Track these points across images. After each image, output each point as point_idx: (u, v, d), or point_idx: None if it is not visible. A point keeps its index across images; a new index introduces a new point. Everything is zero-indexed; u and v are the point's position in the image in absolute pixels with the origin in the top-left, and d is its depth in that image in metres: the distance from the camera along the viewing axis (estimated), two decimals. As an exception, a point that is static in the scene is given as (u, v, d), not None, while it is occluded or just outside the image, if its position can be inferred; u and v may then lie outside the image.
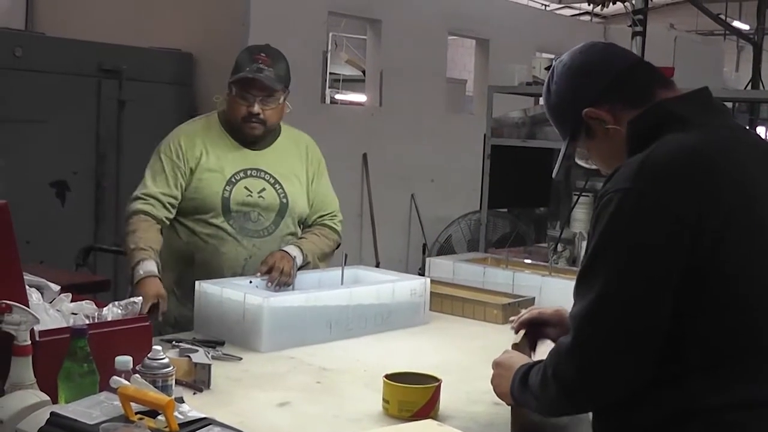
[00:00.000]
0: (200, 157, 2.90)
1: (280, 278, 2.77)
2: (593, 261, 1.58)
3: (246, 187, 2.91)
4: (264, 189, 2.93)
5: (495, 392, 1.92)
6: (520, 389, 1.76)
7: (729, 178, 1.57)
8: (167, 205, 2.86)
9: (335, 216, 3.13)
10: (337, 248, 3.12)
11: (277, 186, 2.96)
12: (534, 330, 2.13)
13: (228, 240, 2.87)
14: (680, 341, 1.53)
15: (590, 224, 1.65)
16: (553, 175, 2.10)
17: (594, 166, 1.88)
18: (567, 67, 1.80)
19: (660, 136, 1.62)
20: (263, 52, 2.91)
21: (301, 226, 3.05)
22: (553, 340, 2.10)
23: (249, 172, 2.94)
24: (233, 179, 2.90)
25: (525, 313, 2.16)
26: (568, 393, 1.61)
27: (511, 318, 2.22)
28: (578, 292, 1.60)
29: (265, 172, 2.96)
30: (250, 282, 2.73)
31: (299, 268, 2.88)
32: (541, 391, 1.67)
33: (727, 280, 1.53)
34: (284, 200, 2.96)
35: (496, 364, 1.91)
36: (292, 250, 2.88)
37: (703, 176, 1.55)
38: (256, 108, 2.86)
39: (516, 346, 2.02)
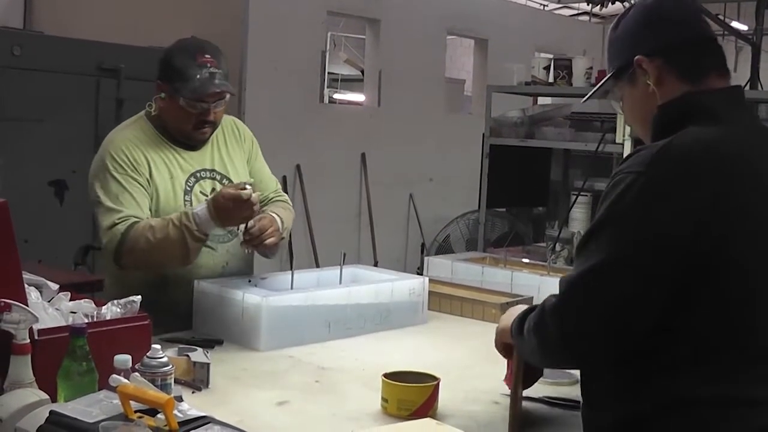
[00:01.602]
0: (150, 170, 2.64)
1: (256, 240, 2.61)
2: (592, 234, 1.59)
3: (201, 192, 2.72)
4: (214, 189, 2.72)
5: (497, 348, 1.96)
6: (516, 333, 1.79)
7: (746, 176, 1.58)
8: None
9: (280, 194, 2.98)
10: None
11: (225, 182, 2.76)
12: None
13: (203, 251, 2.63)
14: (674, 332, 1.54)
15: (599, 203, 1.65)
16: (582, 101, 2.09)
17: (620, 112, 1.87)
18: (646, 8, 1.76)
19: (684, 127, 1.62)
20: (206, 53, 2.63)
21: None
22: None
23: (198, 175, 2.74)
24: (188, 187, 2.70)
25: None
26: (548, 350, 1.66)
27: None
28: (574, 264, 1.63)
29: (211, 170, 2.77)
30: (249, 281, 2.73)
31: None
32: (527, 339, 1.71)
33: (729, 276, 1.53)
34: None
35: (501, 321, 1.96)
36: (276, 218, 2.72)
37: (718, 172, 1.55)
38: (211, 115, 2.67)
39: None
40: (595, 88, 1.90)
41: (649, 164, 1.56)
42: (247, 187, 2.50)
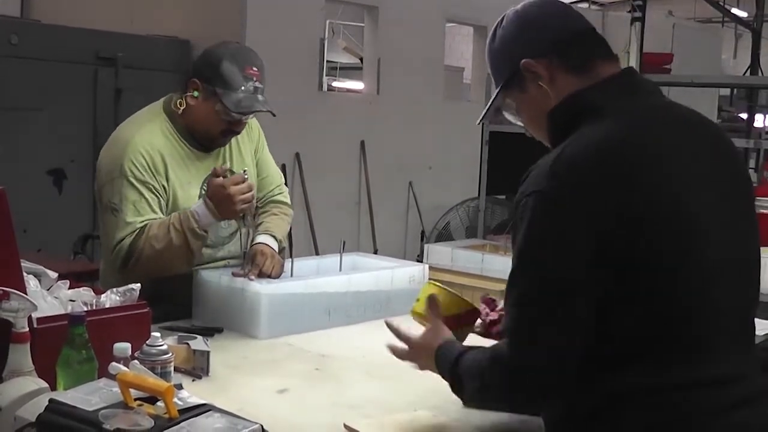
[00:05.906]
0: (167, 176, 2.60)
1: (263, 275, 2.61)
2: (515, 270, 1.57)
3: None
4: None
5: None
6: (455, 385, 1.75)
7: (645, 166, 1.54)
8: None
9: (282, 189, 2.98)
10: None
11: None
12: None
13: (204, 252, 2.67)
14: (611, 328, 1.52)
15: (512, 228, 1.62)
16: (477, 122, 2.08)
17: (519, 123, 1.84)
18: (518, 15, 1.77)
19: (577, 128, 1.60)
20: (254, 65, 2.64)
21: None
22: None
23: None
24: (203, 192, 2.64)
25: None
26: (520, 402, 1.66)
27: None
28: (506, 302, 1.59)
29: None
30: (249, 270, 2.72)
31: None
32: (480, 395, 1.69)
33: (649, 270, 1.51)
34: None
35: (414, 357, 1.95)
36: (272, 242, 2.73)
37: (616, 170, 1.52)
38: (241, 126, 2.68)
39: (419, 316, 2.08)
40: (487, 107, 1.86)
41: (547, 179, 1.52)
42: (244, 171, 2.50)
